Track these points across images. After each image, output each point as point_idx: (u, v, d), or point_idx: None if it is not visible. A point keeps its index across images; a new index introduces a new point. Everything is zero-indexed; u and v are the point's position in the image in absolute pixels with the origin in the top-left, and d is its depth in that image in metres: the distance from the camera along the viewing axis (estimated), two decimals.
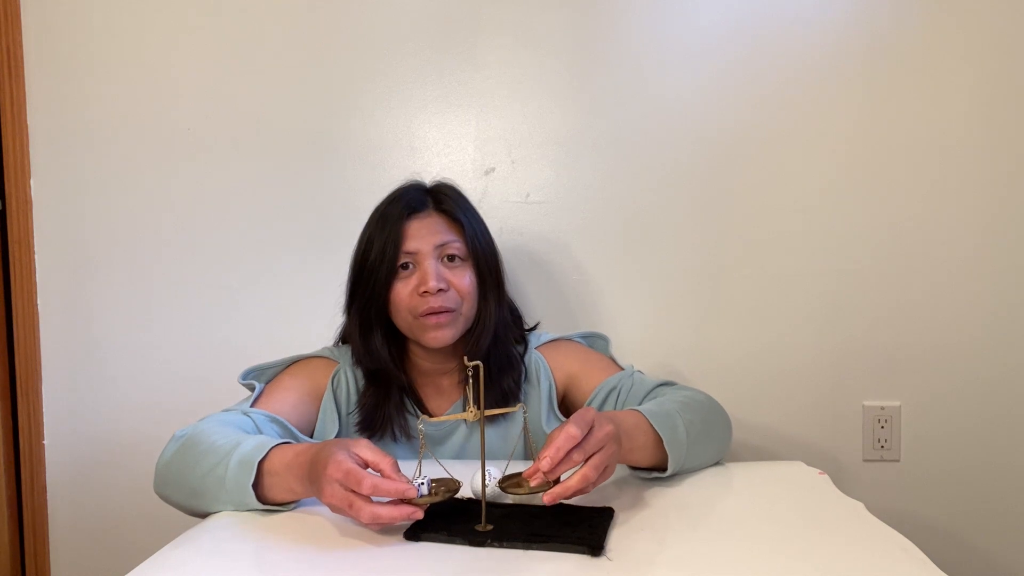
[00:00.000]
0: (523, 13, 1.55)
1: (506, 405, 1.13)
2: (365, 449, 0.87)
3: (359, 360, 1.18)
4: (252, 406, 1.09)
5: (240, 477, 0.91)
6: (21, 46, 1.58)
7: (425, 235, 1.14)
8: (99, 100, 1.59)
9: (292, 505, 0.94)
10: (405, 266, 1.13)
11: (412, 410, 1.19)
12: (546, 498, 0.84)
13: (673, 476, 1.03)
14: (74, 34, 1.58)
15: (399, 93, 1.57)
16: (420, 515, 0.84)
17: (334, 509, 0.86)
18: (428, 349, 1.17)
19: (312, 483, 0.87)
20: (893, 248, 1.55)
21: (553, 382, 1.22)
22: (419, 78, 1.57)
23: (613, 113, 1.56)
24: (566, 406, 1.24)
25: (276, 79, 1.58)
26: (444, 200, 1.18)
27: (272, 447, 0.93)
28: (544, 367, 1.23)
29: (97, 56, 1.58)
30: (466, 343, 1.17)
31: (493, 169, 1.58)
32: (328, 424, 1.16)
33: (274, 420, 1.07)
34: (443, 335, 1.13)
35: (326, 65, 1.57)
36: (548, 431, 1.17)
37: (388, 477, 0.84)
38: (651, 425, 1.00)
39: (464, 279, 1.14)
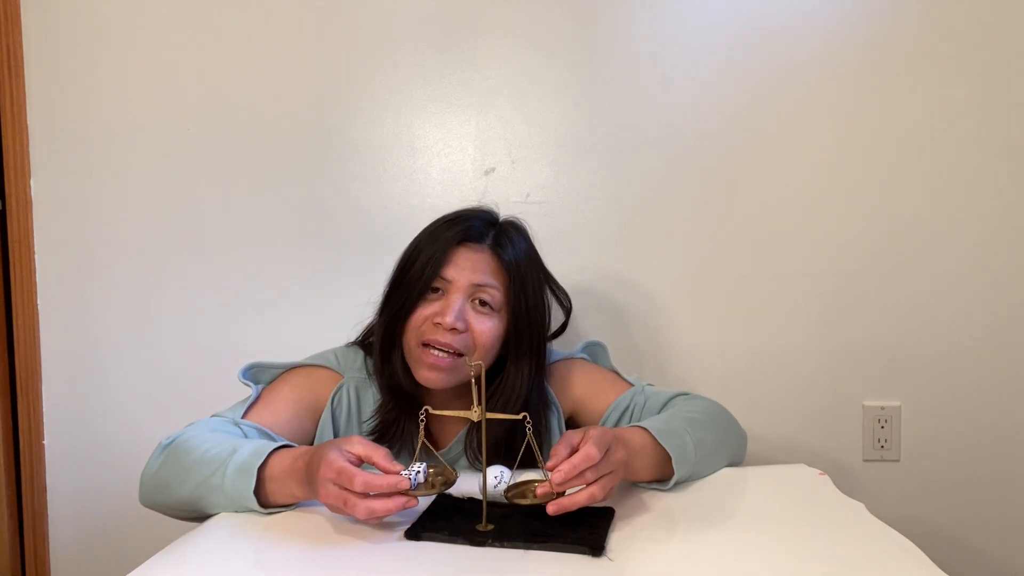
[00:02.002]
0: (523, 13, 1.55)
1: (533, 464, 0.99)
2: (357, 445, 0.87)
3: (377, 372, 1.12)
4: (245, 414, 1.07)
5: (239, 484, 0.90)
6: (21, 46, 1.58)
7: (467, 268, 1.06)
8: (99, 100, 1.59)
9: (292, 506, 0.94)
10: (436, 289, 1.07)
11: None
12: (551, 508, 0.85)
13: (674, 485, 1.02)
14: (74, 34, 1.58)
15: (399, 93, 1.57)
16: (415, 503, 0.85)
17: (332, 508, 0.86)
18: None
19: (310, 485, 0.88)
20: (893, 248, 1.55)
21: (560, 412, 1.18)
22: (419, 78, 1.57)
23: (613, 113, 1.56)
24: (572, 426, 1.21)
25: (276, 79, 1.58)
26: (504, 241, 1.09)
27: (270, 453, 0.92)
28: (551, 398, 1.18)
29: (97, 56, 1.58)
30: (490, 405, 1.05)
31: (493, 169, 1.58)
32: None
33: (265, 435, 1.03)
34: (435, 377, 1.05)
35: (326, 65, 1.57)
36: None
37: (382, 468, 0.85)
38: (658, 443, 0.99)
39: (485, 326, 1.06)
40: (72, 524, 1.65)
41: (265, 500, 0.92)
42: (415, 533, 0.85)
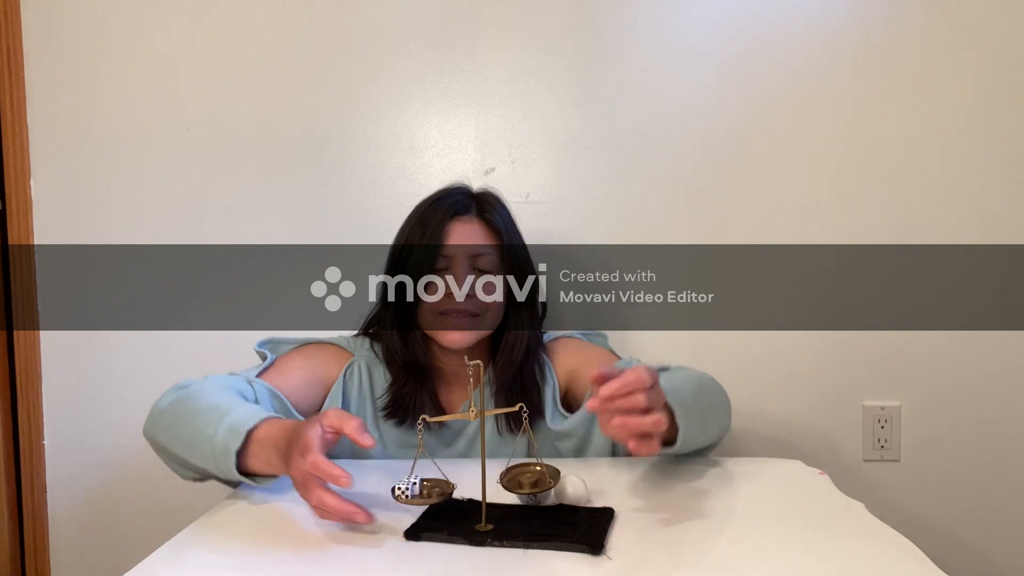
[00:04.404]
0: (523, 13, 1.55)
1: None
2: (331, 415, 0.87)
3: (392, 354, 1.18)
4: (259, 376, 1.11)
5: (228, 440, 0.92)
6: (21, 46, 1.58)
7: (463, 239, 1.16)
8: (99, 100, 1.59)
9: (267, 482, 0.94)
10: (440, 265, 1.15)
11: (437, 401, 1.20)
12: (592, 404, 0.82)
13: (679, 456, 1.02)
14: (74, 34, 1.58)
15: (399, 93, 1.57)
16: (362, 519, 0.83)
17: (295, 485, 0.86)
18: (446, 349, 1.18)
19: (286, 457, 0.88)
20: (893, 248, 1.55)
21: (556, 381, 1.23)
22: (419, 78, 1.57)
23: (613, 113, 1.56)
24: (568, 401, 1.24)
25: (276, 79, 1.58)
26: (488, 208, 1.20)
27: (263, 419, 0.94)
28: (548, 366, 1.24)
29: (98, 56, 1.58)
30: (496, 356, 1.19)
31: (493, 169, 1.58)
32: None
33: (275, 396, 1.08)
34: (459, 337, 1.15)
35: (326, 65, 1.57)
36: (553, 427, 1.18)
37: (352, 439, 0.84)
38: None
39: (492, 288, 1.16)
40: (72, 524, 1.65)
41: (245, 462, 0.93)
42: (414, 533, 0.85)
